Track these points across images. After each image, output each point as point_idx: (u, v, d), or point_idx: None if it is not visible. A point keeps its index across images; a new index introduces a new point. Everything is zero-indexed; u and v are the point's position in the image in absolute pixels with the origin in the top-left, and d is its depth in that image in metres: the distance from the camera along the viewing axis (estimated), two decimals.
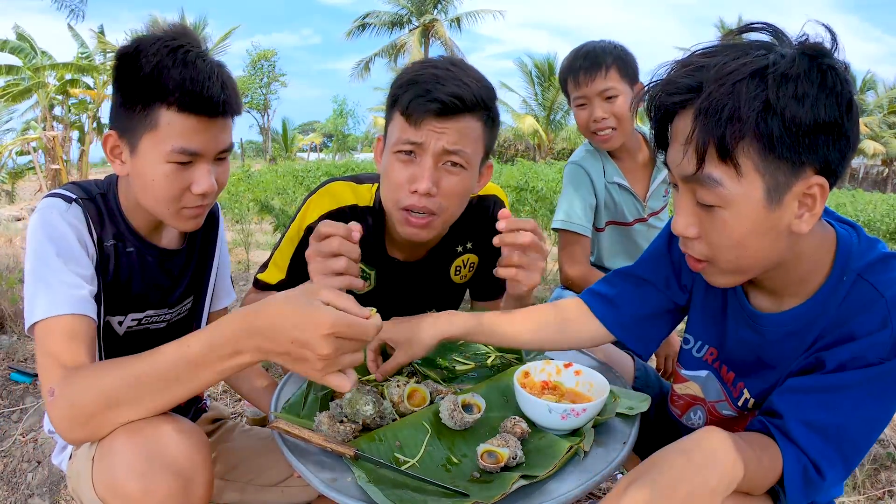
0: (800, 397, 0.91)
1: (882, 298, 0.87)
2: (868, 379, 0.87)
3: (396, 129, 1.24)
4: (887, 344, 0.85)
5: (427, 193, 1.22)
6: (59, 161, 16.46)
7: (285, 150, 39.03)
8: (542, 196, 7.81)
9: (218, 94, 1.06)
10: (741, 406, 1.09)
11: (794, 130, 0.79)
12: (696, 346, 1.19)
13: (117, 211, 1.19)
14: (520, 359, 1.28)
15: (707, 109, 0.81)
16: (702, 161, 0.83)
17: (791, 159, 0.81)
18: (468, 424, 0.99)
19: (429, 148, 1.20)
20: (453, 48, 29.14)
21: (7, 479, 1.84)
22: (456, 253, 1.53)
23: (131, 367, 0.88)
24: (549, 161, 22.12)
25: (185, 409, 1.46)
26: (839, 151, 0.82)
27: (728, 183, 0.83)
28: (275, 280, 1.44)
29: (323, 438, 0.92)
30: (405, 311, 1.39)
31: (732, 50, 0.83)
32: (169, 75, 1.02)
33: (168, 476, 0.86)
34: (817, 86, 0.79)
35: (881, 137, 30.28)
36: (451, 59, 1.27)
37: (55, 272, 1.02)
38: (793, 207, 0.85)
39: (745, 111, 0.79)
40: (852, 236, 0.95)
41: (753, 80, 0.79)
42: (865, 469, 1.96)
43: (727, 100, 0.79)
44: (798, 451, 0.88)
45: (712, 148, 0.82)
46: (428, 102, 1.17)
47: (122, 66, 1.06)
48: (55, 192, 1.12)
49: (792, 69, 0.79)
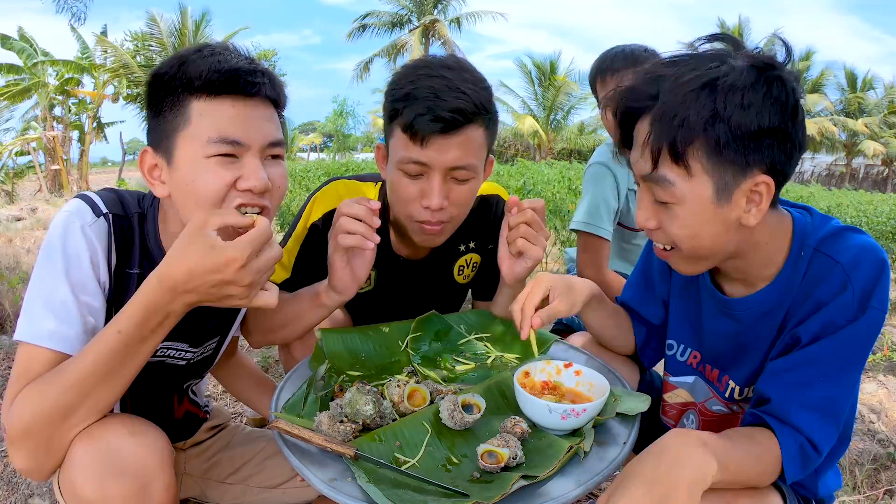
0: (785, 377, 0.97)
1: (838, 265, 0.96)
2: (843, 341, 0.94)
3: (400, 146, 1.23)
4: (852, 304, 0.93)
5: (439, 208, 1.24)
6: (59, 161, 16.46)
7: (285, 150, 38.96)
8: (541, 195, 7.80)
9: (249, 71, 0.98)
10: (728, 397, 1.13)
11: (739, 136, 0.88)
12: (679, 349, 1.24)
13: (153, 235, 1.09)
14: (520, 359, 1.28)
15: (661, 116, 0.90)
16: (656, 162, 0.93)
17: (738, 161, 0.89)
18: (468, 424, 0.99)
19: (436, 166, 1.22)
20: (454, 49, 29.12)
21: (7, 479, 1.84)
22: (459, 252, 1.54)
23: (69, 373, 0.87)
24: (549, 161, 22.11)
25: (182, 422, 1.44)
26: (785, 153, 0.90)
27: (680, 183, 0.92)
28: (279, 279, 1.43)
29: (323, 438, 0.92)
30: (407, 310, 1.39)
31: (692, 60, 0.92)
32: (194, 66, 0.97)
33: (124, 479, 0.86)
34: (763, 95, 0.87)
35: (881, 137, 30.25)
36: (445, 61, 1.25)
37: (60, 296, 0.95)
38: (741, 203, 0.93)
39: (694, 119, 0.88)
40: (806, 217, 1.04)
41: (704, 91, 0.88)
42: (865, 469, 1.96)
43: (678, 108, 0.89)
44: (793, 430, 0.93)
45: (665, 151, 0.91)
46: (431, 122, 1.17)
47: (152, 83, 1.01)
48: (88, 195, 1.04)
49: (739, 80, 0.87)
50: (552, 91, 27.47)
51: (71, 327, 0.95)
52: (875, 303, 0.93)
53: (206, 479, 1.47)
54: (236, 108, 0.98)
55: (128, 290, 1.06)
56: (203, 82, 0.96)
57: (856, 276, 0.94)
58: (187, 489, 1.47)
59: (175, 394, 1.38)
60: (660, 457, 0.81)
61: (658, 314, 1.29)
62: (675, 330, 1.24)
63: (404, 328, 1.33)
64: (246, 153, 0.99)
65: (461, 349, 1.31)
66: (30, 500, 1.76)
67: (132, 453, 0.88)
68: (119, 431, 0.89)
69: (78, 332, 0.96)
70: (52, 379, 0.88)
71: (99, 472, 0.85)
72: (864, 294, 0.93)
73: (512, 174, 11.07)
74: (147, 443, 0.91)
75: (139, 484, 0.87)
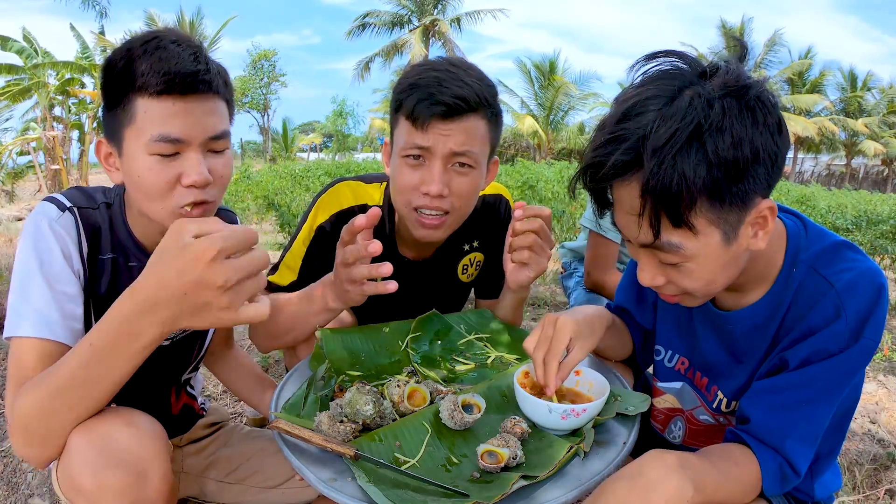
0: (768, 399, 0.95)
1: (832, 289, 0.92)
2: (831, 369, 0.91)
3: (403, 133, 1.25)
4: (844, 333, 0.89)
5: (439, 195, 1.23)
6: (59, 161, 16.45)
7: (285, 150, 39.00)
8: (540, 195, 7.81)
9: (191, 68, 0.99)
10: (716, 408, 1.12)
11: (735, 175, 0.81)
12: (667, 356, 1.23)
13: (122, 222, 1.14)
14: (520, 359, 1.28)
15: (655, 187, 0.81)
16: (657, 232, 0.86)
17: (739, 199, 0.83)
18: (468, 424, 0.99)
19: (437, 151, 1.22)
20: (454, 48, 29.12)
21: (7, 479, 1.84)
22: (463, 252, 1.55)
23: (54, 376, 0.88)
24: (549, 161, 22.11)
25: (179, 417, 1.45)
26: (777, 169, 0.86)
27: (687, 243, 0.86)
28: (286, 282, 1.43)
29: (323, 438, 0.92)
30: (411, 310, 1.39)
31: (654, 103, 0.82)
32: (139, 62, 0.99)
33: (120, 470, 0.86)
34: (749, 125, 0.81)
35: (881, 137, 30.26)
36: (451, 59, 1.28)
37: (37, 289, 1.00)
38: (748, 234, 0.89)
39: (692, 179, 0.80)
40: (798, 227, 1.00)
41: (692, 147, 0.79)
42: (865, 469, 1.96)
43: (672, 174, 0.80)
44: (772, 451, 0.92)
45: (665, 219, 0.84)
46: (432, 105, 1.18)
47: (104, 74, 1.04)
48: (53, 196, 1.09)
49: (723, 118, 0.79)
50: (552, 91, 27.47)
51: (51, 314, 0.99)
52: (868, 332, 0.89)
53: (204, 478, 1.47)
54: (177, 105, 1.00)
55: (102, 276, 1.12)
56: (146, 82, 0.98)
57: (850, 304, 0.90)
58: (186, 488, 1.47)
59: (172, 387, 1.39)
60: (633, 481, 0.80)
61: (650, 319, 1.28)
62: (663, 336, 1.23)
63: (404, 328, 1.33)
64: (187, 149, 1.02)
65: (461, 349, 1.31)
66: (30, 500, 1.76)
67: (128, 444, 0.88)
68: (115, 423, 0.90)
69: (57, 318, 1.00)
70: (42, 381, 0.89)
71: (95, 464, 0.86)
72: (858, 324, 0.89)
73: (512, 174, 11.06)
74: (143, 433, 0.91)
75: (135, 474, 0.88)
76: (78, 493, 0.87)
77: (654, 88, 0.84)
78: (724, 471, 0.89)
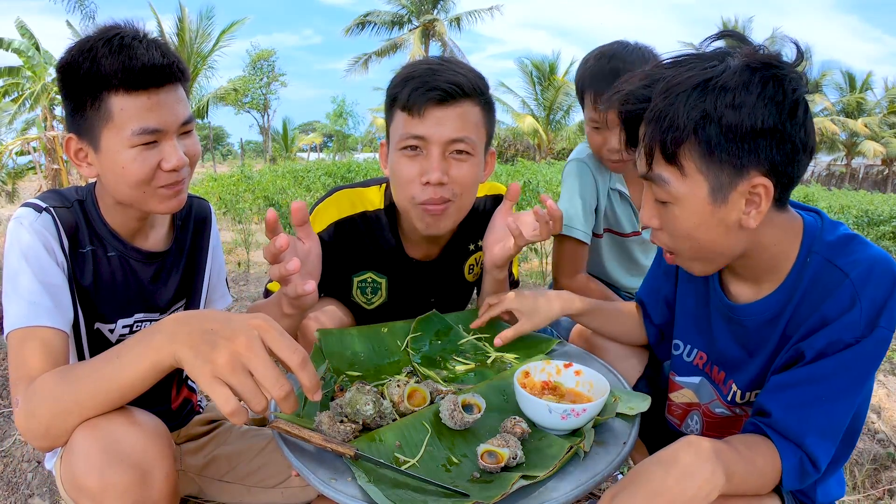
0: (787, 394, 0.95)
1: (847, 278, 0.92)
2: (848, 361, 0.91)
3: (400, 125, 1.26)
4: (860, 322, 0.90)
5: (439, 182, 1.24)
6: (59, 161, 16.43)
7: (285, 150, 39.00)
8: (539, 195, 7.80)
9: (159, 62, 1.06)
10: (730, 401, 1.13)
11: (731, 136, 0.87)
12: (685, 350, 1.23)
13: (97, 215, 1.19)
14: (520, 359, 1.28)
15: (651, 118, 0.92)
16: (651, 162, 0.95)
17: (733, 162, 0.89)
18: (468, 424, 0.99)
19: (434, 139, 1.23)
20: (453, 49, 29.11)
21: (7, 479, 1.84)
22: (469, 251, 1.55)
23: (73, 377, 0.89)
24: (549, 161, 22.11)
25: (178, 412, 1.45)
26: (784, 154, 0.88)
27: (674, 182, 0.93)
28: None
29: (323, 438, 0.92)
30: (417, 310, 1.39)
31: (692, 61, 0.92)
32: (108, 62, 1.03)
33: (124, 469, 0.87)
34: (756, 95, 0.86)
35: (881, 137, 30.24)
36: (442, 56, 1.32)
37: (26, 283, 1.04)
38: (740, 205, 0.92)
39: (683, 120, 0.88)
40: (816, 221, 1.02)
41: (694, 92, 0.88)
42: (865, 469, 1.96)
43: (668, 110, 0.89)
44: (793, 446, 0.92)
45: (658, 151, 0.93)
46: (428, 92, 1.21)
47: (65, 75, 1.07)
48: (28, 201, 1.14)
49: (732, 80, 0.86)
50: (552, 91, 27.45)
51: (43, 302, 1.04)
52: (884, 322, 0.90)
53: (202, 477, 1.47)
54: (152, 99, 1.07)
55: (84, 268, 1.17)
56: (119, 81, 1.04)
57: (865, 293, 0.90)
58: (184, 487, 1.47)
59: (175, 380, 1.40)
60: (669, 467, 0.80)
61: (662, 314, 1.30)
62: (682, 330, 1.24)
63: (404, 328, 1.33)
64: (164, 137, 1.10)
65: (461, 349, 1.31)
66: (30, 500, 1.76)
67: (132, 443, 0.89)
68: (119, 421, 0.90)
69: (50, 305, 1.04)
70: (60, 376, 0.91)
71: (99, 462, 0.86)
72: (874, 313, 0.89)
73: (512, 174, 11.06)
74: (147, 432, 0.91)
75: (139, 473, 0.88)
76: (81, 491, 0.87)
77: (702, 56, 0.93)
78: (751, 461, 0.89)
